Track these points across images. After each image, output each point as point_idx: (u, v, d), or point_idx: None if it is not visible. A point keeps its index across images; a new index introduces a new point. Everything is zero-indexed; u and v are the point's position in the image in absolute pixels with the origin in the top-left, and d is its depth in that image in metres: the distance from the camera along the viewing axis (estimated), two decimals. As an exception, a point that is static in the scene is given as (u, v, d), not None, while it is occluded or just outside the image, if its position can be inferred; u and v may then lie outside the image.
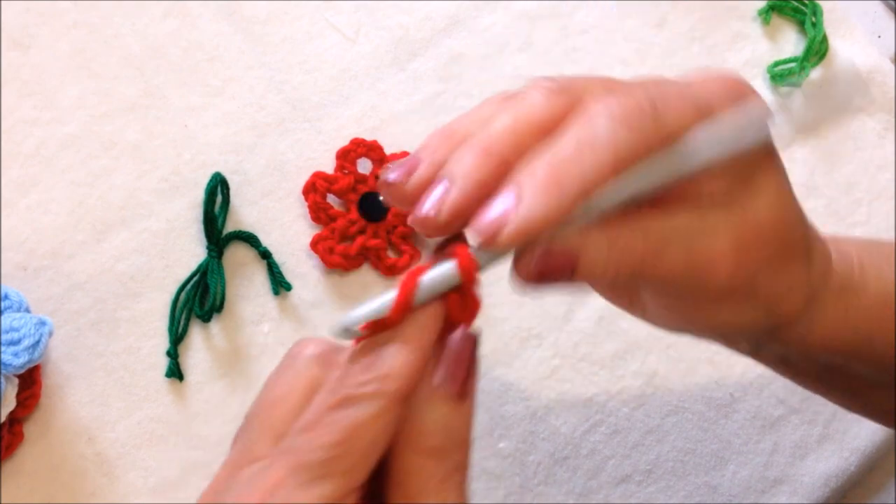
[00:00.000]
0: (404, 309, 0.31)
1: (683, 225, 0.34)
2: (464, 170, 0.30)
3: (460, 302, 0.32)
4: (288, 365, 0.33)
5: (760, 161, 0.35)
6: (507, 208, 0.29)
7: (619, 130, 0.30)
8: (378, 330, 0.31)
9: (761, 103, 0.34)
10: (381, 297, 0.31)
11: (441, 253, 0.32)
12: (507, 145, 0.31)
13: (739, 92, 0.34)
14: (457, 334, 0.32)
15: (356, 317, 0.31)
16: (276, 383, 0.33)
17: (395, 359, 0.31)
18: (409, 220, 0.31)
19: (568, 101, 0.32)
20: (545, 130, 0.31)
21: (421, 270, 0.31)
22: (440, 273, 0.31)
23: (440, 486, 0.30)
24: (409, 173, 0.32)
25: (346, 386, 0.30)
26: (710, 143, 0.32)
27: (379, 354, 0.31)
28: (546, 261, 0.31)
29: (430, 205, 0.30)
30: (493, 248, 0.30)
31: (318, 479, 0.29)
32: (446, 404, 0.31)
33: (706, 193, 0.34)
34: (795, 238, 0.37)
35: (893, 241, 0.45)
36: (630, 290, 0.41)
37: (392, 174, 0.32)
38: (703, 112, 0.33)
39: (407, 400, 0.31)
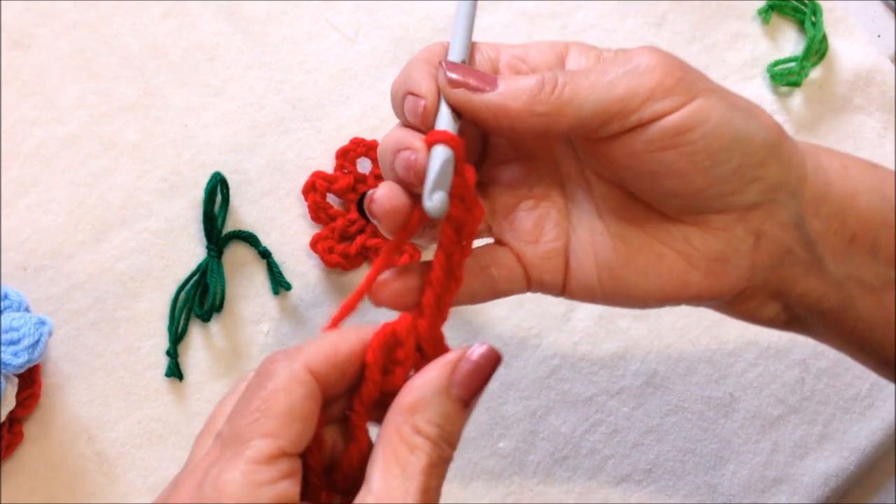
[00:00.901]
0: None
1: (596, 68, 0.37)
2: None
3: (461, 205, 0.35)
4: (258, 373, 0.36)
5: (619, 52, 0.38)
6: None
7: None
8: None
9: None
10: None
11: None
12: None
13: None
14: (483, 346, 0.34)
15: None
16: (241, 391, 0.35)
17: (307, 344, 0.34)
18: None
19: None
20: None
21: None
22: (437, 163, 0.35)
23: (430, 471, 0.33)
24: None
25: (262, 367, 0.34)
26: None
27: (295, 348, 0.34)
28: (459, 67, 0.37)
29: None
30: (424, 111, 0.36)
31: (243, 443, 0.32)
32: (454, 404, 0.34)
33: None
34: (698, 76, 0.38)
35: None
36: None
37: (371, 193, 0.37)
38: None
39: (317, 379, 0.33)
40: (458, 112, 0.37)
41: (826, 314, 0.41)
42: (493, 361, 0.34)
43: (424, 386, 0.34)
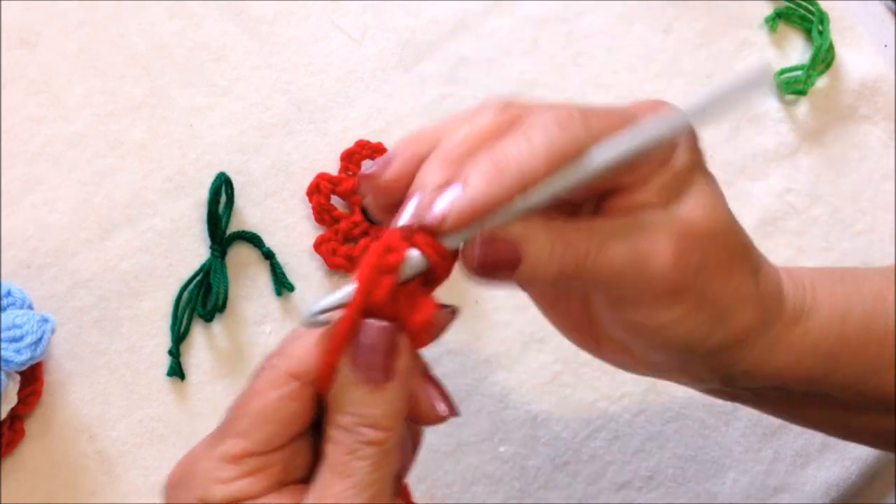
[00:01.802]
0: (363, 300, 0.34)
1: (624, 224, 0.37)
2: (429, 181, 0.35)
3: (410, 301, 0.35)
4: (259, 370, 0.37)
5: (690, 174, 0.38)
6: (455, 195, 0.34)
7: (553, 129, 0.35)
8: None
9: (675, 110, 0.37)
10: (341, 291, 0.34)
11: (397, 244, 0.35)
12: (461, 153, 0.35)
13: (663, 107, 0.38)
14: (371, 324, 0.34)
15: (317, 308, 0.35)
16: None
17: (291, 343, 0.35)
18: (393, 223, 0.35)
19: (513, 113, 0.36)
20: (493, 138, 0.36)
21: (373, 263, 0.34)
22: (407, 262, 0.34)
23: (350, 456, 0.34)
24: (383, 166, 0.37)
25: (260, 362, 0.36)
26: (627, 139, 0.36)
27: (289, 345, 0.35)
28: (489, 248, 0.35)
29: (407, 217, 0.35)
30: (443, 230, 0.34)
31: (220, 441, 0.35)
32: (359, 388, 0.34)
33: (641, 203, 0.37)
34: (734, 244, 0.39)
35: (847, 268, 0.46)
36: (580, 309, 0.42)
37: (370, 168, 0.37)
38: (628, 118, 0.37)
39: (301, 382, 0.34)
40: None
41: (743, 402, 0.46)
42: (384, 336, 0.34)
43: (336, 380, 0.35)
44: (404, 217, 0.34)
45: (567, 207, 0.39)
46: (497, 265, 0.35)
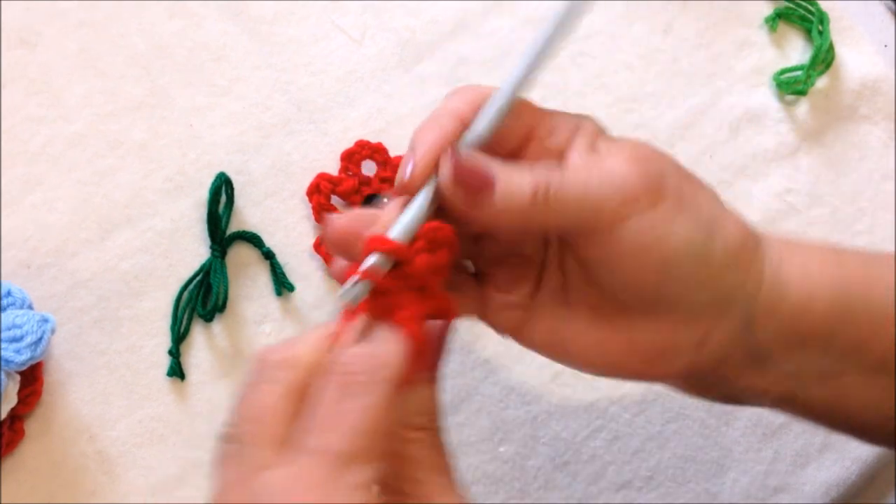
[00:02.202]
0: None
1: (580, 159, 0.39)
2: (419, 139, 0.40)
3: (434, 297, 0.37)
4: (259, 375, 0.35)
5: (610, 141, 0.40)
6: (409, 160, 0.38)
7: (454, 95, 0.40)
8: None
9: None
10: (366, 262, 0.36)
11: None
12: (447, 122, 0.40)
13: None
14: (437, 325, 0.37)
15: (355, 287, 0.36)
16: (255, 394, 0.35)
17: (388, 347, 0.35)
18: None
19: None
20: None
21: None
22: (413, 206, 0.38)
23: (435, 453, 0.35)
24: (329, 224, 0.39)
25: (348, 376, 0.34)
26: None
27: (371, 347, 0.35)
28: (460, 164, 0.37)
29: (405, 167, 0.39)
30: (413, 182, 0.38)
31: (351, 465, 0.32)
32: (428, 387, 0.36)
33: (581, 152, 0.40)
34: (684, 170, 0.40)
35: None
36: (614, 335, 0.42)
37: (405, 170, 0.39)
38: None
39: (393, 382, 0.34)
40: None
41: (773, 403, 0.43)
42: (445, 331, 0.38)
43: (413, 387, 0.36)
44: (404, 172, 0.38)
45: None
46: (472, 181, 0.37)
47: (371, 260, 0.36)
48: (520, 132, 0.40)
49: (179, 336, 0.57)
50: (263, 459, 0.33)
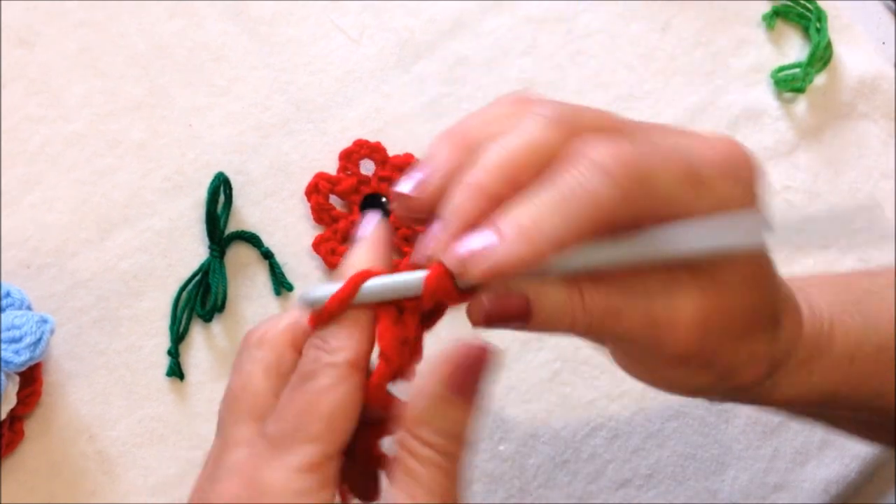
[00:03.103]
0: (342, 304, 0.33)
1: (649, 286, 0.34)
2: (457, 211, 0.32)
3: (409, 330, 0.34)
4: (242, 353, 0.36)
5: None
6: (486, 244, 0.31)
7: (605, 183, 0.31)
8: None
9: (760, 213, 0.34)
10: (332, 286, 0.33)
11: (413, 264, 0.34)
12: (498, 182, 0.32)
13: (739, 165, 0.34)
14: (476, 347, 0.34)
15: (320, 295, 0.34)
16: (237, 372, 0.35)
17: (343, 336, 0.33)
18: (412, 258, 0.33)
19: (564, 134, 0.33)
20: (539, 164, 0.32)
21: (369, 275, 0.33)
22: (403, 280, 0.33)
23: (444, 477, 0.33)
24: (422, 187, 0.34)
25: (303, 365, 0.33)
26: (695, 239, 0.33)
27: (329, 335, 0.34)
28: (500, 302, 0.33)
29: (429, 244, 0.33)
30: (463, 277, 0.32)
31: (290, 447, 0.32)
32: (457, 408, 0.34)
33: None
34: (764, 314, 0.37)
35: (865, 274, 0.46)
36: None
37: (405, 186, 0.34)
38: (695, 180, 0.33)
39: (360, 369, 0.33)
40: None
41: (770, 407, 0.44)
42: (480, 356, 0.34)
43: (425, 397, 0.33)
44: (426, 249, 0.33)
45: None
46: (505, 319, 0.33)
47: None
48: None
49: (179, 336, 0.57)
50: (235, 436, 0.34)
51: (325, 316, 0.33)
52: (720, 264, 0.34)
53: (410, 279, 0.33)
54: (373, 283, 0.33)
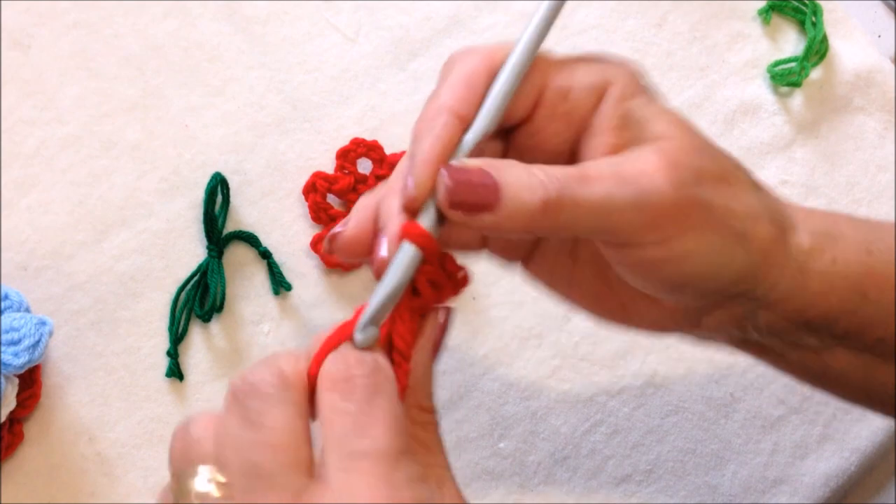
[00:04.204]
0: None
1: (605, 159, 0.36)
2: (394, 187, 0.37)
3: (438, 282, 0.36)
4: (260, 400, 0.33)
5: (646, 105, 0.37)
6: (409, 173, 0.35)
7: (456, 66, 0.38)
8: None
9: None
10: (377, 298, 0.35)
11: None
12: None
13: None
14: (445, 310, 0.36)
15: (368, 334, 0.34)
16: (269, 420, 0.32)
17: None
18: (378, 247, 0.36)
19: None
20: None
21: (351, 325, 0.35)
22: (400, 261, 0.35)
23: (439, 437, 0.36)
24: (344, 225, 0.38)
25: (363, 379, 0.33)
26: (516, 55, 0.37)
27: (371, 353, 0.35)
28: (460, 176, 0.34)
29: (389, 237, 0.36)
30: (416, 197, 0.35)
31: (400, 459, 0.32)
32: (429, 370, 0.36)
33: (611, 144, 0.36)
34: (723, 157, 0.38)
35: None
36: (596, 278, 0.41)
37: (332, 231, 0.38)
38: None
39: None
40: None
41: (757, 355, 0.44)
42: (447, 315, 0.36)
43: (415, 369, 0.35)
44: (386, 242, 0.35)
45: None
46: (472, 193, 0.34)
47: (406, 251, 0.34)
48: (530, 94, 0.37)
49: (177, 337, 0.57)
50: (299, 485, 0.31)
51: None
52: (649, 132, 0.36)
53: (405, 252, 0.35)
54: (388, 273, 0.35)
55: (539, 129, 0.38)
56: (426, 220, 0.35)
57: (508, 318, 0.60)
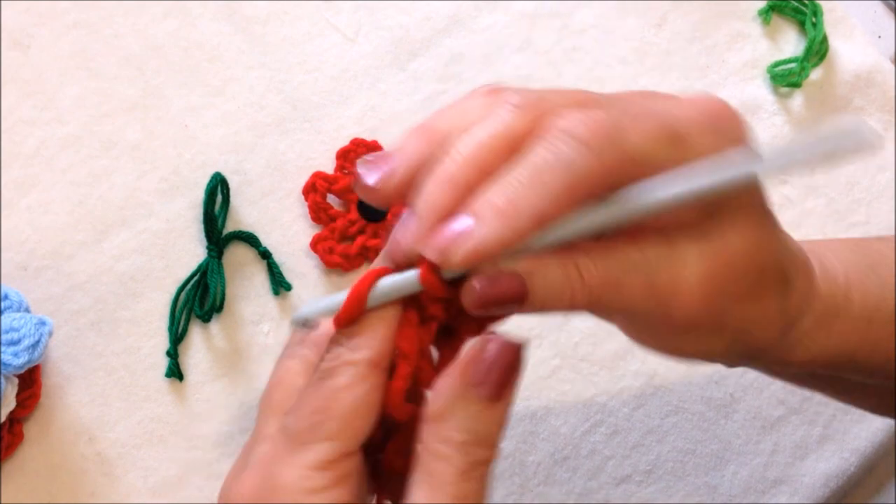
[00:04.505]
0: (354, 310, 0.33)
1: (647, 253, 0.33)
2: (429, 203, 0.32)
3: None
4: (286, 349, 0.36)
5: (738, 190, 0.33)
6: (463, 230, 0.30)
7: (577, 149, 0.30)
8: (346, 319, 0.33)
9: (745, 149, 0.33)
10: (337, 295, 0.33)
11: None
12: (469, 172, 0.32)
13: (720, 119, 0.33)
14: (497, 340, 0.33)
15: (309, 312, 0.34)
16: (277, 367, 0.36)
17: (364, 336, 0.33)
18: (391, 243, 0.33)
19: (533, 116, 0.32)
20: (510, 150, 0.32)
21: (375, 274, 0.33)
22: (400, 279, 0.33)
23: (461, 478, 0.32)
24: (387, 177, 0.33)
25: (324, 362, 0.33)
26: (678, 184, 0.31)
27: (351, 334, 0.33)
28: (492, 285, 0.31)
29: (405, 238, 0.32)
30: (446, 266, 0.31)
31: (306, 444, 0.32)
32: (478, 404, 0.32)
33: (674, 221, 0.33)
34: (771, 272, 0.36)
35: (879, 239, 0.44)
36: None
37: (370, 177, 0.33)
38: (672, 136, 0.32)
39: (381, 369, 0.33)
40: None
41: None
42: (510, 353, 0.33)
43: (445, 392, 0.32)
44: (402, 243, 0.32)
45: None
46: (500, 301, 0.32)
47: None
48: None
49: (177, 337, 0.57)
50: (263, 430, 0.34)
51: (345, 317, 0.33)
52: (719, 225, 0.33)
53: (408, 277, 0.33)
54: (380, 284, 0.33)
55: None
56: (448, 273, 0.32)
57: (508, 319, 0.60)
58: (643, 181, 0.31)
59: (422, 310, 0.34)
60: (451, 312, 0.34)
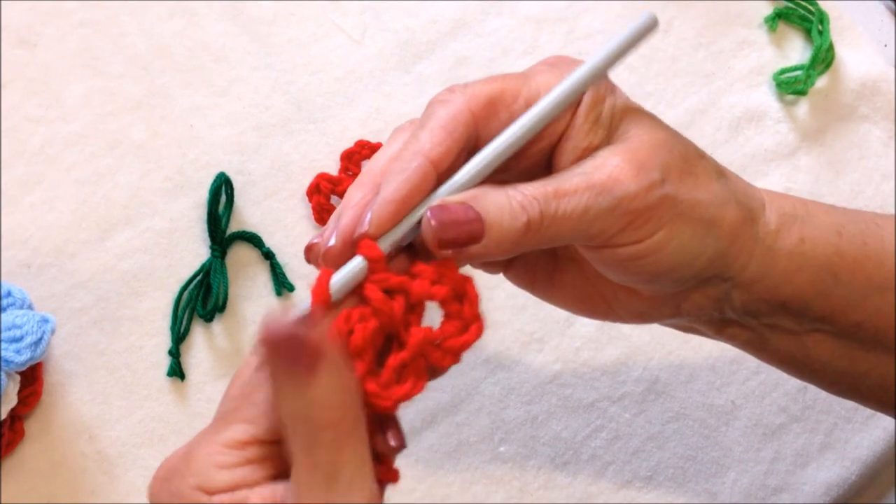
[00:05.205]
0: (322, 312, 0.35)
1: (574, 169, 0.37)
2: (350, 201, 0.37)
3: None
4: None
5: (618, 110, 0.39)
6: (375, 201, 0.35)
7: (446, 103, 0.37)
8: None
9: (575, 64, 0.40)
10: (302, 307, 0.36)
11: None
12: (375, 172, 0.38)
13: (557, 60, 0.40)
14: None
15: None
16: (242, 364, 0.38)
17: (278, 326, 0.34)
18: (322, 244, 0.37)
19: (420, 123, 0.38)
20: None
21: (327, 275, 0.36)
22: (347, 270, 0.36)
23: (306, 445, 0.34)
24: (321, 237, 0.38)
25: (258, 357, 0.36)
26: (543, 101, 0.38)
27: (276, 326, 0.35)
28: (443, 210, 0.35)
29: (334, 237, 0.37)
30: (371, 235, 0.35)
31: (225, 425, 0.35)
32: (286, 386, 0.34)
33: (581, 148, 0.38)
34: (687, 149, 0.39)
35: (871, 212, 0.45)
36: (578, 278, 0.43)
37: (331, 240, 0.37)
38: (521, 74, 0.39)
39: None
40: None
41: (742, 345, 0.45)
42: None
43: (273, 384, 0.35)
44: (332, 238, 0.36)
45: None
46: (457, 229, 0.35)
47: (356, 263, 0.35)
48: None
49: (179, 336, 0.57)
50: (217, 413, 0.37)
51: (315, 316, 0.35)
52: (625, 133, 0.38)
53: (355, 262, 0.35)
54: (333, 280, 0.35)
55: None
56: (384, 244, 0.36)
57: (510, 323, 0.60)
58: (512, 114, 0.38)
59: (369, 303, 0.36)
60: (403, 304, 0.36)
